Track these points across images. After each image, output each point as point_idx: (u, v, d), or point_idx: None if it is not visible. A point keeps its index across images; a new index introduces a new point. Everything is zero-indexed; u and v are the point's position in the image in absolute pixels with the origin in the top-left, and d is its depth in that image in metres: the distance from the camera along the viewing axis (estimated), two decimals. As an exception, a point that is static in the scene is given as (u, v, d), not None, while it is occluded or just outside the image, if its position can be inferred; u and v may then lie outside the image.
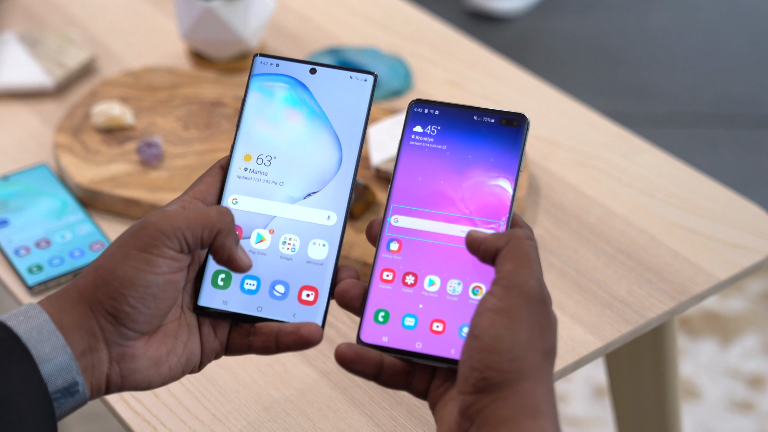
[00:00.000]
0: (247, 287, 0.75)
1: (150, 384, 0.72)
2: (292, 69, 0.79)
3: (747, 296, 2.06)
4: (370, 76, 0.78)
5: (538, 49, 2.70)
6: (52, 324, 0.69)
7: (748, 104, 2.53)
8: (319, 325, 0.74)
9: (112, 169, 1.11)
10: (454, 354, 0.71)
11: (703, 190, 1.11)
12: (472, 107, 0.79)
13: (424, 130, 0.78)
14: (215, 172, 0.77)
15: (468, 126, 0.78)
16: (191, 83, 1.22)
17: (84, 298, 0.70)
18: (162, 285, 0.70)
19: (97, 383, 0.70)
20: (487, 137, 0.77)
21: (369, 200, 1.05)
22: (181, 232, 0.70)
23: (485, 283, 0.73)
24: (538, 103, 1.23)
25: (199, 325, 0.75)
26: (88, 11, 1.39)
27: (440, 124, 0.78)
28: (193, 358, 0.74)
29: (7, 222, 1.07)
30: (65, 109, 1.23)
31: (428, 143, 0.78)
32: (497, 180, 0.76)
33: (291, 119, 0.78)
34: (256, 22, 1.25)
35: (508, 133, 0.77)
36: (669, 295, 1.00)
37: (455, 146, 0.77)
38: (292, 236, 0.76)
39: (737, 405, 1.87)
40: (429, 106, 0.79)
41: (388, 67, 1.27)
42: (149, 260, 0.70)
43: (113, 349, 0.70)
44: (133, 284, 0.69)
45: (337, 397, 0.91)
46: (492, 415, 0.66)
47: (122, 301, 0.69)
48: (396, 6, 1.39)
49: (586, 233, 1.06)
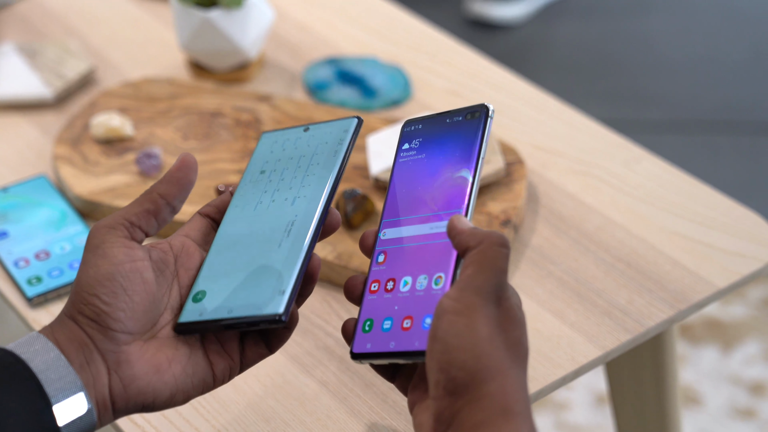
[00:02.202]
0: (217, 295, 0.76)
1: (156, 394, 0.72)
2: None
3: (748, 303, 2.06)
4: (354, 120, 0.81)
5: (538, 56, 2.71)
6: (51, 344, 0.70)
7: (748, 111, 2.53)
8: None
9: (112, 180, 1.11)
10: (419, 345, 0.72)
11: (703, 198, 1.11)
12: (445, 112, 0.82)
13: (410, 146, 0.82)
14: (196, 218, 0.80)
15: (442, 130, 0.81)
16: (190, 94, 1.22)
17: (69, 315, 0.72)
18: (126, 274, 0.71)
19: (101, 398, 0.70)
20: (455, 135, 0.80)
21: (368, 210, 1.05)
22: (123, 218, 0.73)
23: (445, 273, 0.74)
24: (537, 112, 1.23)
25: (204, 343, 0.75)
26: (87, 22, 1.39)
27: (421, 136, 0.82)
28: (201, 371, 0.74)
29: (6, 234, 1.08)
30: (64, 120, 1.23)
31: (412, 156, 0.81)
32: (460, 172, 0.78)
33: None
34: (255, 32, 1.25)
35: (471, 126, 0.80)
36: (668, 303, 1.00)
37: (431, 152, 0.80)
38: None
39: (739, 412, 1.86)
40: (415, 122, 0.83)
41: (387, 77, 1.27)
42: (102, 254, 0.72)
43: (108, 357, 0.71)
44: (98, 281, 0.71)
45: (336, 407, 0.91)
46: (466, 419, 0.66)
47: (96, 302, 0.71)
48: (395, 15, 1.39)
49: (585, 242, 1.06)
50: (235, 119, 1.18)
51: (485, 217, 1.05)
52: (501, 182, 1.09)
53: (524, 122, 1.21)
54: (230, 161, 1.13)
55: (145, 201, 0.75)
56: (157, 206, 0.75)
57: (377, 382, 0.93)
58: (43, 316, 1.00)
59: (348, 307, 1.00)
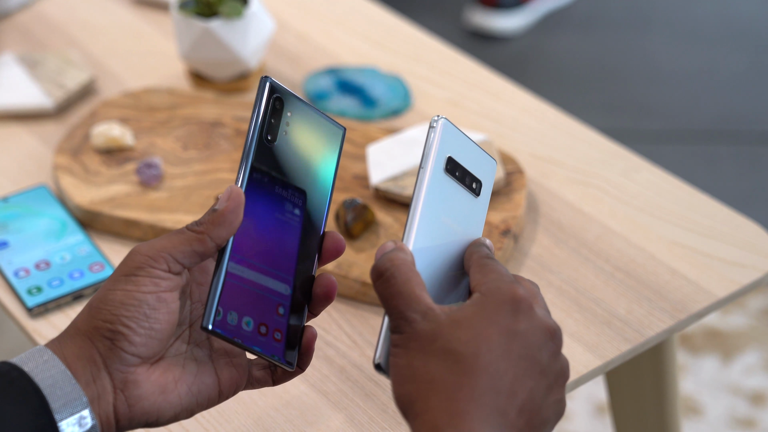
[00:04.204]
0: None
1: (160, 413, 0.72)
2: None
3: (748, 312, 2.06)
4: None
5: (537, 67, 2.71)
6: (57, 359, 0.70)
7: (747, 120, 2.53)
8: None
9: (112, 190, 1.11)
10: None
11: (702, 207, 1.11)
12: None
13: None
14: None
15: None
16: (191, 104, 1.22)
17: (81, 330, 0.71)
18: (152, 303, 0.70)
19: (105, 415, 0.70)
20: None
21: (368, 220, 1.05)
22: (167, 252, 0.71)
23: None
24: (536, 122, 1.23)
25: (213, 356, 0.75)
26: (87, 32, 1.39)
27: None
28: (207, 389, 0.73)
29: (6, 244, 1.08)
30: (65, 130, 1.23)
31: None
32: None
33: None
34: (256, 42, 1.25)
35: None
36: (668, 313, 1.00)
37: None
38: None
39: (739, 422, 1.86)
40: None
41: (387, 87, 1.27)
42: (136, 281, 0.70)
43: (115, 376, 0.70)
44: (124, 304, 0.70)
45: (337, 418, 0.91)
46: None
47: (116, 322, 0.70)
48: (395, 25, 1.40)
49: (584, 251, 1.06)
50: (235, 129, 1.18)
51: (485, 227, 1.05)
52: (501, 192, 1.09)
53: (524, 132, 1.21)
54: (230, 171, 1.13)
55: (195, 241, 0.71)
56: (206, 249, 0.72)
57: (378, 392, 0.93)
58: (43, 327, 1.00)
59: (347, 316, 1.00)
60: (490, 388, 0.66)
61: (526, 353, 0.67)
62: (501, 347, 0.67)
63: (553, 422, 0.69)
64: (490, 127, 1.22)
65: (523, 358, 0.67)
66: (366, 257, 1.03)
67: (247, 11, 1.23)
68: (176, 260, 0.71)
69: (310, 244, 0.75)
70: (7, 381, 0.68)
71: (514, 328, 0.67)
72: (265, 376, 0.76)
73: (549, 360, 0.68)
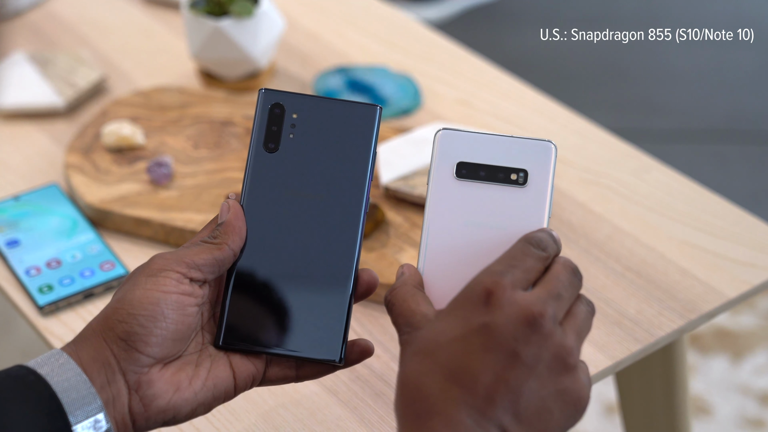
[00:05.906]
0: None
1: (176, 411, 0.72)
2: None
3: (758, 313, 2.06)
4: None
5: (547, 66, 2.71)
6: (73, 362, 0.70)
7: (758, 120, 2.53)
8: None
9: (123, 189, 1.11)
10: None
11: (713, 207, 1.11)
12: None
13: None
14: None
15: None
16: (201, 103, 1.22)
17: (97, 332, 0.71)
18: (171, 303, 0.71)
19: (121, 417, 0.70)
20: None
21: (378, 219, 1.05)
22: (191, 261, 0.73)
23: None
24: (546, 121, 1.23)
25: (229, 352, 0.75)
26: (98, 31, 1.39)
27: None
28: (222, 382, 0.73)
29: (17, 242, 1.08)
30: (76, 128, 1.23)
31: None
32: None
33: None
34: (266, 41, 1.25)
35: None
36: (678, 313, 1.00)
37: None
38: None
39: (749, 422, 1.86)
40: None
41: (397, 86, 1.27)
42: (156, 281, 0.71)
43: (129, 377, 0.71)
44: (142, 303, 0.71)
45: (347, 417, 0.91)
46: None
47: (132, 322, 0.70)
48: (405, 25, 1.40)
49: (595, 251, 1.06)
50: (245, 128, 1.19)
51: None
52: (511, 192, 1.09)
53: (534, 131, 1.21)
54: (240, 170, 1.13)
55: (216, 250, 0.74)
56: (226, 258, 0.74)
57: (388, 391, 0.93)
58: (54, 325, 1.01)
59: (357, 316, 1.00)
60: (462, 386, 0.66)
61: (498, 346, 0.66)
62: (470, 344, 0.66)
63: (559, 415, 0.67)
64: (500, 127, 1.22)
65: (493, 351, 0.66)
66: (376, 257, 1.03)
67: (257, 10, 1.23)
68: (197, 267, 0.73)
69: (339, 233, 0.76)
70: (22, 384, 0.68)
71: (483, 322, 0.66)
72: (285, 370, 0.76)
73: (531, 349, 0.66)
